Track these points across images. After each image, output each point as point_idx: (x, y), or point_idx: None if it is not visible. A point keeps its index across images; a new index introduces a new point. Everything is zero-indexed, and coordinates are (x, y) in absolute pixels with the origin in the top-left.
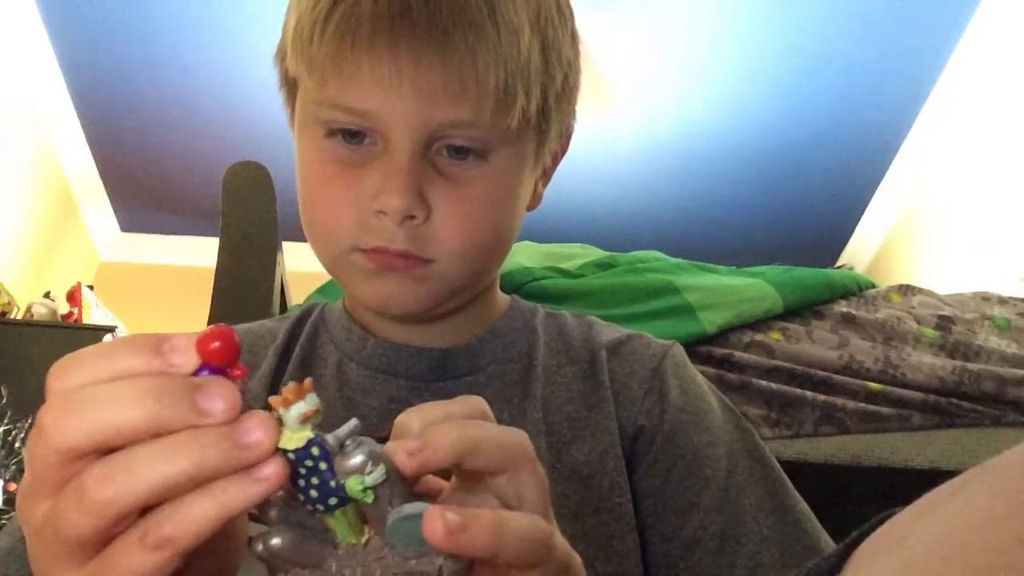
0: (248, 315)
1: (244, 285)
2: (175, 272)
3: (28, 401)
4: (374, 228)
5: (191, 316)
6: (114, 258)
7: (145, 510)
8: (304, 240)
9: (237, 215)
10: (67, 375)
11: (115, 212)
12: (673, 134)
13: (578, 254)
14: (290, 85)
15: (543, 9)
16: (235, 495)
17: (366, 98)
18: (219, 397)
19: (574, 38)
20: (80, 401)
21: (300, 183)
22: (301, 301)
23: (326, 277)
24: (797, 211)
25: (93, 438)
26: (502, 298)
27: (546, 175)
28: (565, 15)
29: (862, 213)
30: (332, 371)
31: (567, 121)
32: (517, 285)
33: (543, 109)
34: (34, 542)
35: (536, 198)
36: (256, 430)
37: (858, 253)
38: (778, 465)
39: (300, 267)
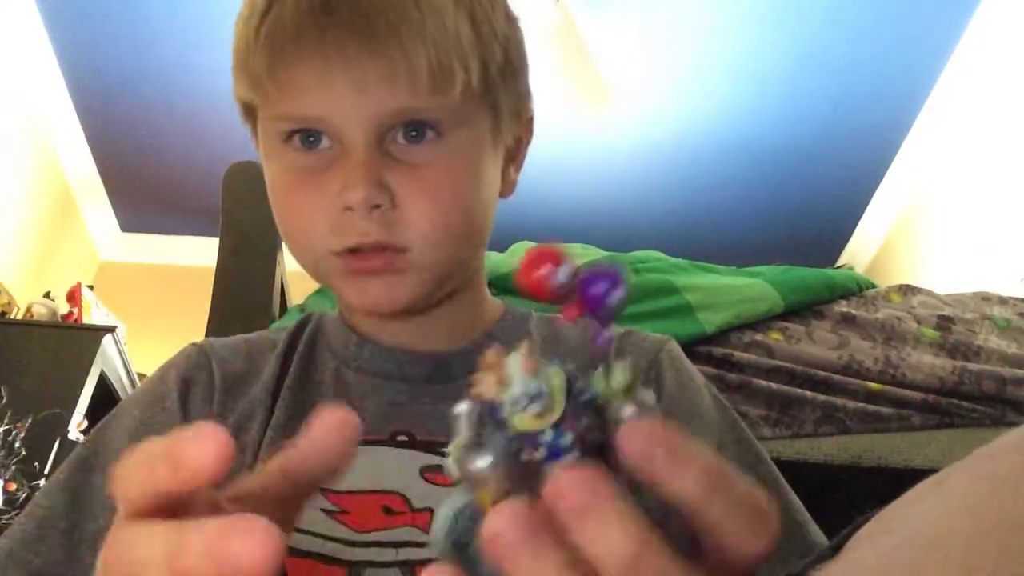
0: (248, 315)
1: (244, 285)
2: (175, 272)
3: (28, 401)
4: (345, 226)
5: (191, 316)
6: (114, 258)
7: None
8: None
9: (237, 215)
10: (122, 488)
11: (115, 212)
12: (673, 134)
13: (578, 254)
14: (250, 114)
15: None
16: None
17: (308, 103)
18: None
19: (509, 16)
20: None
21: (272, 203)
22: (301, 301)
23: None
24: (797, 211)
25: None
26: (495, 304)
27: (515, 161)
28: (496, 2)
29: (862, 213)
30: (330, 378)
31: (523, 102)
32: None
33: (488, 84)
34: None
35: (508, 184)
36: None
37: (858, 253)
38: (768, 457)
39: (300, 267)
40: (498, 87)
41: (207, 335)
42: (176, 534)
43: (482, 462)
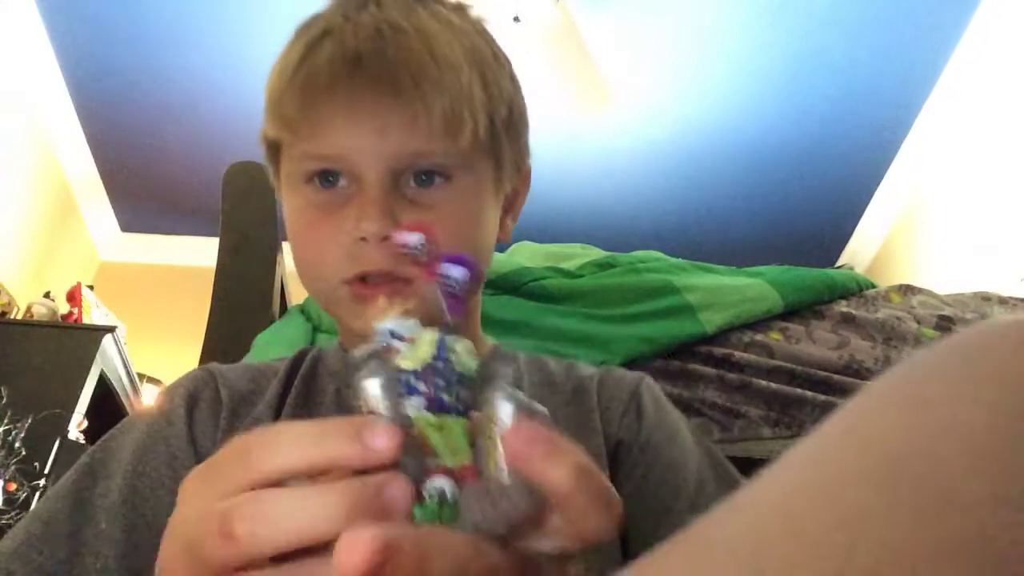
0: (248, 315)
1: (244, 285)
2: (175, 272)
3: (28, 401)
4: (357, 255)
5: (191, 316)
6: (114, 258)
7: None
8: None
9: (237, 215)
10: (268, 457)
11: (115, 212)
12: (673, 134)
13: (578, 254)
14: (273, 154)
15: (477, 52)
16: None
17: (334, 142)
18: (400, 499)
19: (514, 81)
20: (274, 513)
21: (290, 237)
22: (301, 301)
23: None
24: (797, 211)
25: (280, 548)
26: (487, 343)
27: (511, 211)
28: (501, 62)
29: (862, 213)
30: (331, 399)
31: (522, 156)
32: (517, 285)
33: (493, 135)
34: None
35: (505, 231)
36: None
37: (858, 253)
38: (738, 474)
39: None
40: (502, 140)
41: (207, 335)
42: (324, 490)
43: (362, 381)
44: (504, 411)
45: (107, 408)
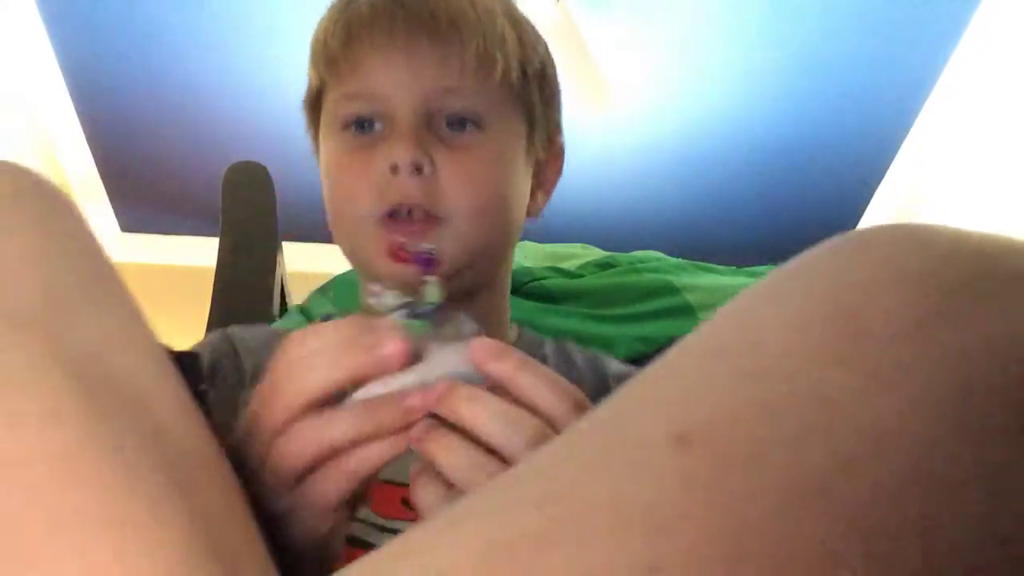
0: (248, 315)
1: (244, 285)
2: (175, 272)
3: None
4: (388, 189)
5: (191, 316)
6: (114, 258)
7: None
8: (304, 240)
9: (237, 215)
10: (295, 395)
11: (115, 212)
12: (673, 134)
13: (578, 254)
14: (314, 113)
15: (514, 11)
16: (390, 449)
17: (373, 79)
18: (389, 341)
19: (547, 52)
20: (318, 440)
21: (324, 179)
22: (301, 301)
23: (326, 277)
24: (797, 211)
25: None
26: (513, 328)
27: (544, 187)
28: (536, 33)
29: (862, 213)
30: None
31: (554, 125)
32: (517, 285)
33: (525, 86)
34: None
35: (535, 206)
36: (415, 402)
37: None
38: None
39: (300, 267)
40: (533, 94)
41: (207, 335)
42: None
43: (387, 309)
44: (466, 323)
45: None
